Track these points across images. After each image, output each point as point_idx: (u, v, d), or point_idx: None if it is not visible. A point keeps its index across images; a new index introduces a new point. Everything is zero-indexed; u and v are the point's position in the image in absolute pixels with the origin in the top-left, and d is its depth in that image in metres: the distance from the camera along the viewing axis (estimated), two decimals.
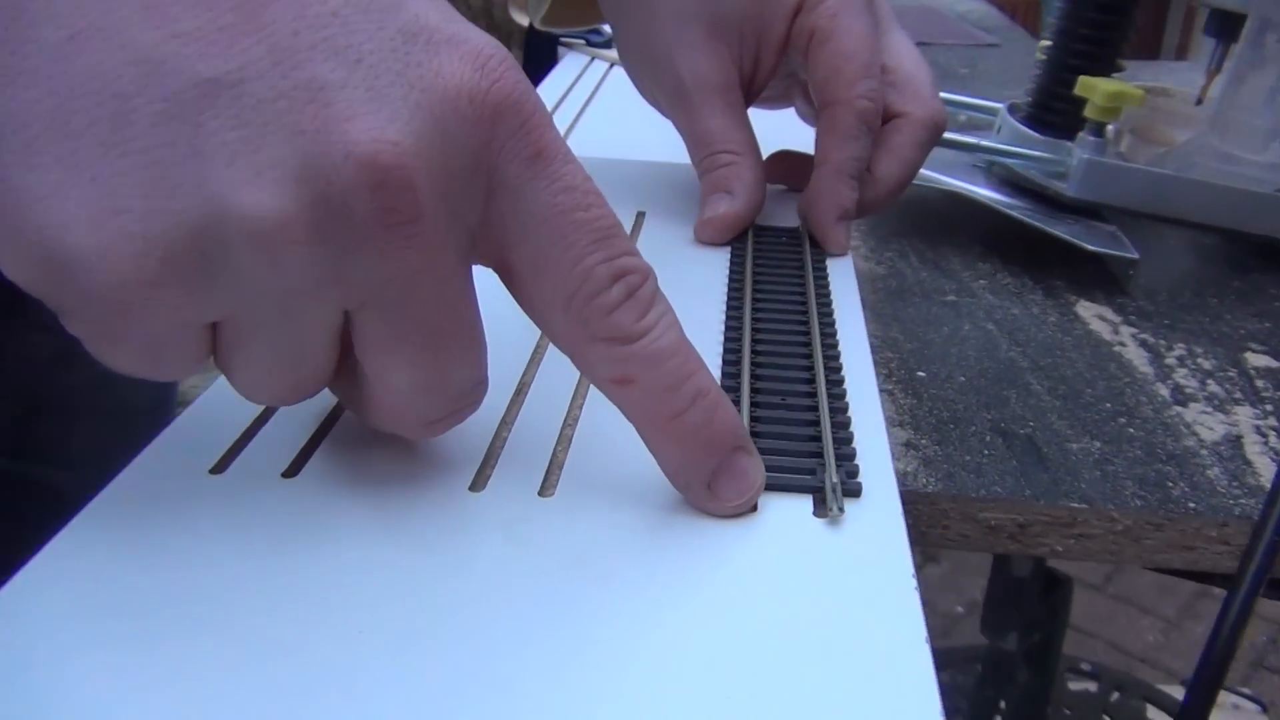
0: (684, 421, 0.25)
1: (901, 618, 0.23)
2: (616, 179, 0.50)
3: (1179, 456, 0.37)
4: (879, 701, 0.20)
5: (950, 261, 0.53)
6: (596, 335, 0.25)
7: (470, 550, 0.24)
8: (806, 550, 0.25)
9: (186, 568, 0.23)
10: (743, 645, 0.22)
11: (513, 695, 0.20)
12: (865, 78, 0.42)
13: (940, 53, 1.04)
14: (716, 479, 0.26)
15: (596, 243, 0.24)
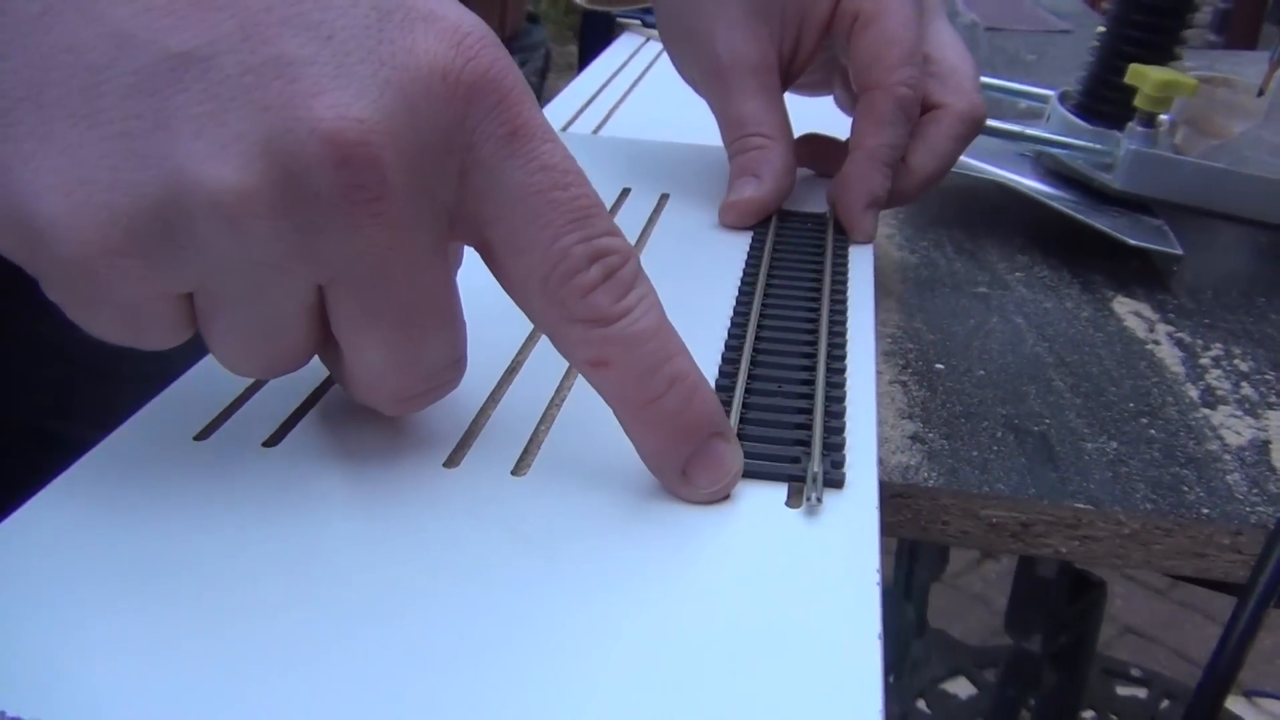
0: (660, 406, 0.25)
1: (857, 613, 0.22)
2: (647, 160, 0.50)
3: (1199, 460, 0.36)
4: (820, 695, 0.20)
5: (988, 253, 0.52)
6: (573, 316, 0.24)
7: (433, 528, 0.24)
8: (774, 539, 0.25)
9: (158, 528, 0.24)
10: (689, 631, 0.22)
11: (453, 673, 0.20)
12: (907, 65, 0.41)
13: (1009, 38, 1.02)
14: (691, 465, 0.26)
15: (574, 222, 0.24)
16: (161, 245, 0.22)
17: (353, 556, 0.23)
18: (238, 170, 0.21)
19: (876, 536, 0.25)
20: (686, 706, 0.20)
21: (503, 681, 0.20)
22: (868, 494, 0.26)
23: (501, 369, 0.31)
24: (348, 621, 0.21)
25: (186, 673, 0.20)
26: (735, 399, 0.29)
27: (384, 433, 0.28)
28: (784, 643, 0.21)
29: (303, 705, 0.19)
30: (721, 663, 0.21)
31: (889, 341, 0.43)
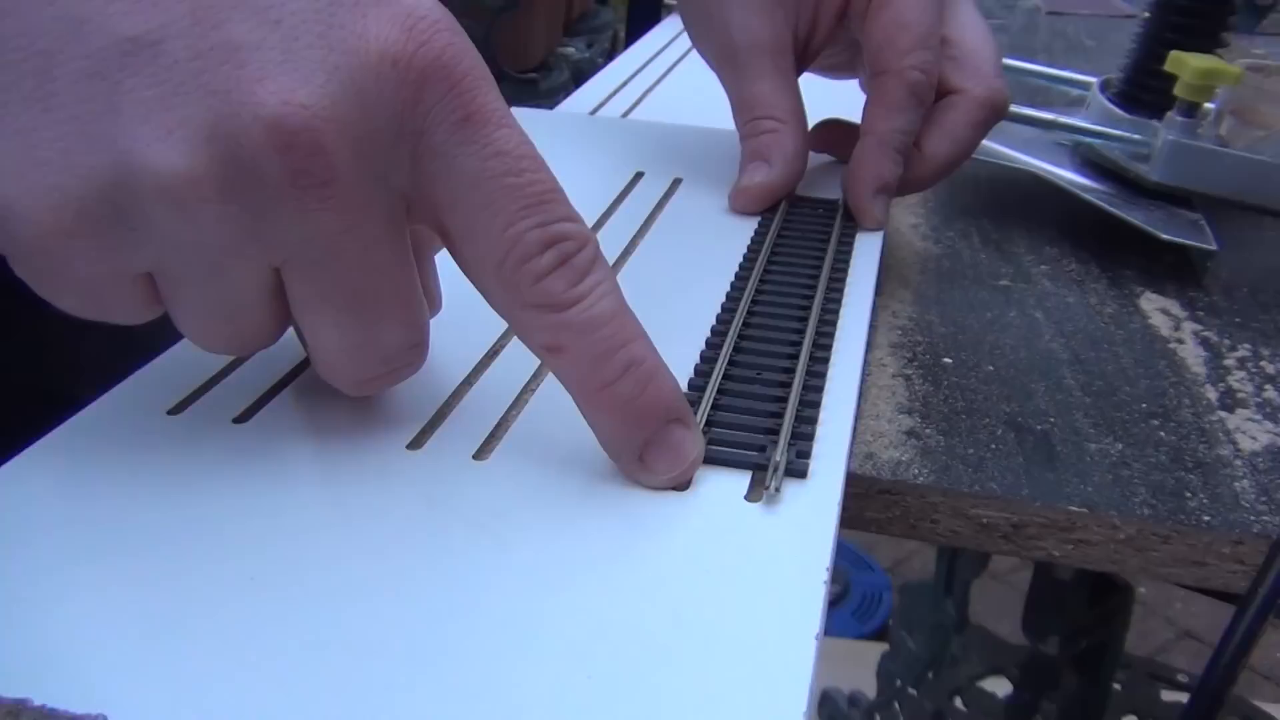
0: (615, 391, 0.25)
1: (798, 610, 0.22)
2: (664, 143, 0.49)
3: (1207, 465, 0.34)
4: (745, 692, 0.20)
5: (1015, 244, 0.51)
6: (527, 302, 0.24)
7: (386, 508, 0.24)
8: (728, 529, 0.24)
9: (124, 498, 0.24)
10: (626, 619, 0.21)
11: (388, 653, 0.20)
12: (920, 49, 0.40)
13: (1071, 23, 0.99)
14: (648, 450, 0.25)
15: (528, 208, 0.24)
16: (113, 227, 0.22)
17: (305, 534, 0.24)
18: (183, 155, 0.21)
19: (832, 533, 0.24)
20: (611, 693, 0.20)
21: (434, 662, 0.20)
22: (831, 488, 0.26)
23: (481, 352, 0.31)
24: (295, 596, 0.22)
25: (144, 639, 0.20)
26: (710, 384, 0.29)
27: (353, 413, 0.28)
28: (719, 635, 0.21)
29: (250, 674, 0.20)
30: (653, 652, 0.21)
31: (898, 333, 0.42)
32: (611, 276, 0.25)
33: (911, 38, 0.40)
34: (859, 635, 1.50)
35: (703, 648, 0.21)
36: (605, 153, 0.48)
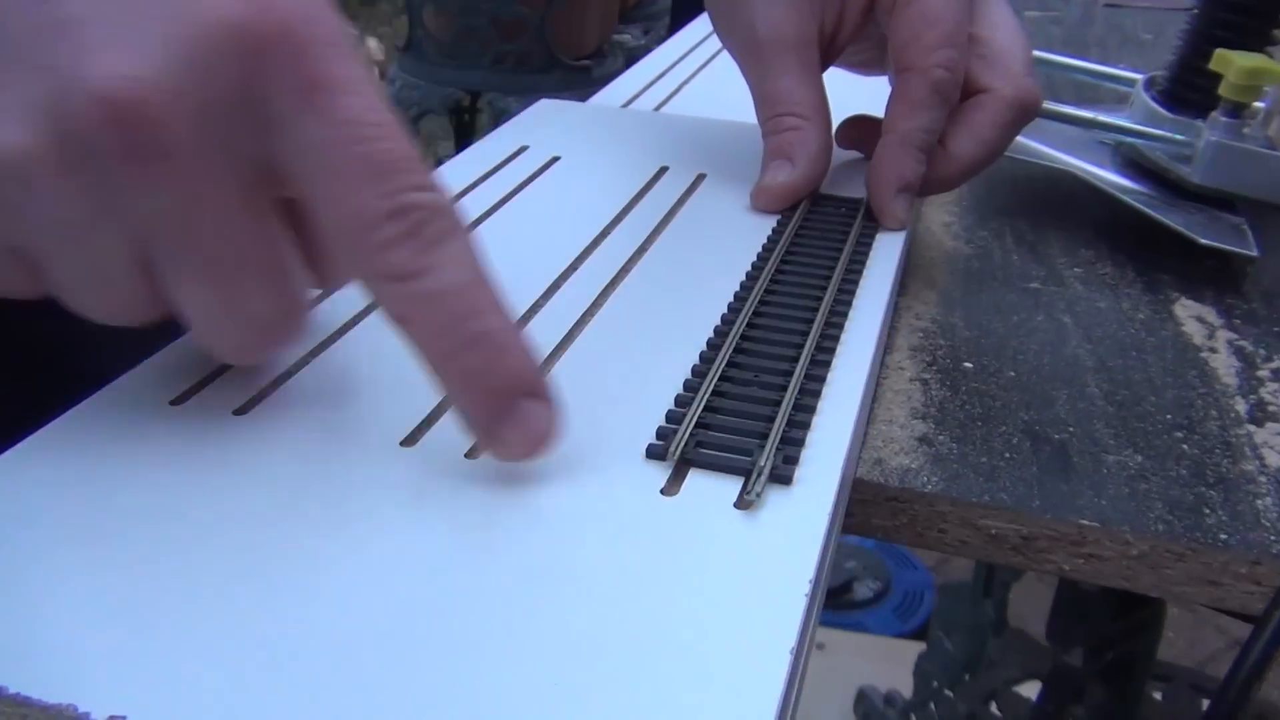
0: (462, 363, 0.25)
1: (775, 623, 0.21)
2: (692, 137, 0.49)
3: (1230, 481, 0.33)
4: (714, 702, 0.20)
5: (1050, 246, 0.50)
6: (373, 271, 0.24)
7: (372, 505, 0.24)
8: (710, 535, 0.24)
9: (121, 484, 0.25)
10: (600, 623, 0.21)
11: (354, 647, 0.20)
12: (946, 46, 0.39)
13: (1129, 15, 0.96)
14: (500, 423, 0.25)
15: (373, 177, 0.23)
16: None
17: (292, 527, 0.24)
18: (20, 132, 0.21)
19: (818, 543, 0.24)
20: (576, 698, 0.19)
21: (406, 659, 0.20)
22: (821, 495, 0.25)
23: None
24: (276, 589, 0.22)
25: (127, 627, 0.21)
26: (705, 386, 0.28)
27: (350, 408, 0.28)
28: (692, 644, 0.21)
29: (226, 664, 0.20)
30: (622, 657, 0.20)
31: (919, 336, 0.41)
32: (468, 246, 0.25)
33: (938, 34, 0.39)
34: (899, 633, 1.49)
35: (674, 656, 0.21)
36: (631, 146, 0.47)
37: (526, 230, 0.39)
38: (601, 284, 0.35)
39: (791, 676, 0.21)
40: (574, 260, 0.37)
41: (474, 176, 0.44)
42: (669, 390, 0.29)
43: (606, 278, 0.36)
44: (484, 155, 0.46)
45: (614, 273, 0.36)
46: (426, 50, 2.17)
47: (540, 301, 0.34)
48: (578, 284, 0.35)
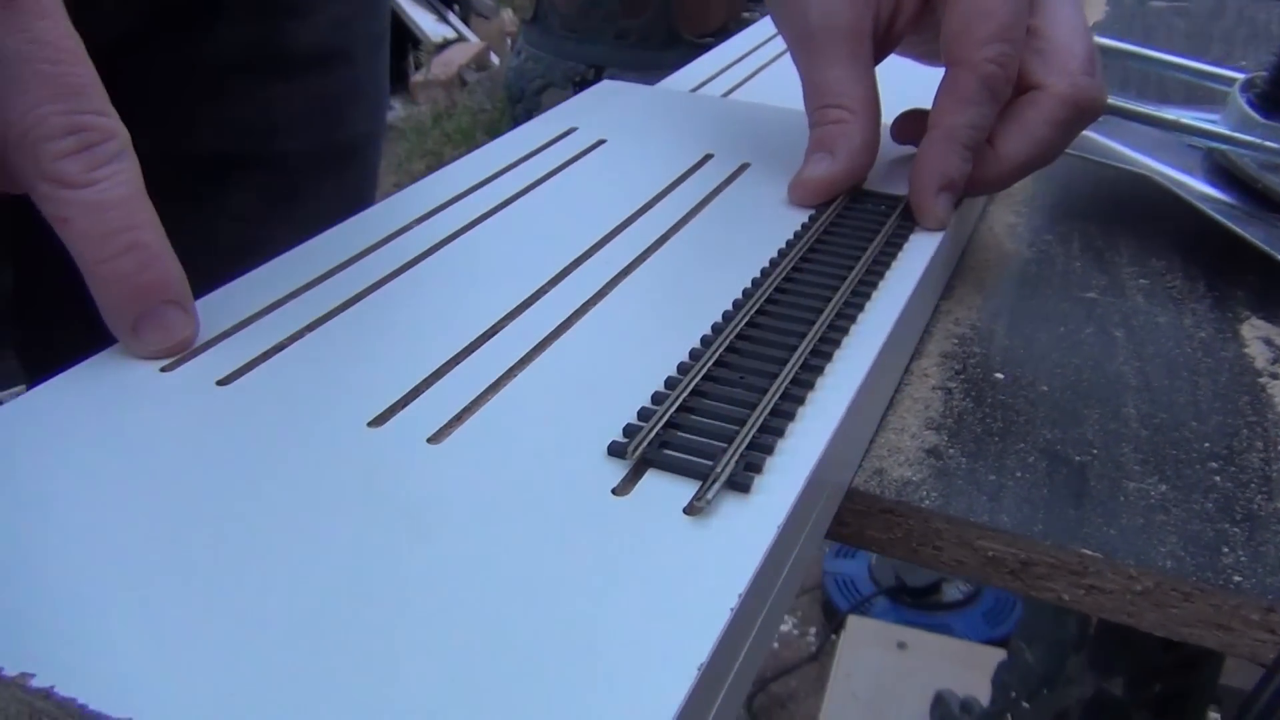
0: (114, 266, 0.28)
1: (689, 637, 0.21)
2: (743, 123, 0.48)
3: (1259, 519, 0.31)
4: (609, 710, 0.19)
5: (1118, 254, 0.47)
6: (42, 175, 0.27)
7: (326, 483, 0.25)
8: (653, 537, 0.23)
9: (100, 448, 0.26)
10: (520, 616, 0.21)
11: (279, 623, 0.21)
12: (998, 40, 0.37)
13: (1265, 9, 0.90)
14: (140, 323, 0.29)
15: (57, 96, 0.27)
16: None
17: (246, 501, 0.24)
18: None
19: (759, 557, 0.23)
20: (475, 688, 0.19)
21: (307, 636, 0.20)
22: (775, 508, 0.24)
23: (471, 337, 0.31)
24: (220, 558, 0.22)
25: (76, 588, 0.22)
26: (684, 385, 0.28)
27: (329, 385, 0.28)
28: (604, 647, 0.20)
29: (163, 633, 0.20)
30: (533, 654, 0.20)
31: (954, 342, 0.39)
32: (133, 172, 0.28)
33: (991, 27, 0.37)
34: (987, 639, 1.44)
35: (581, 658, 0.20)
36: (681, 132, 0.47)
37: (554, 213, 0.39)
38: (614, 271, 0.35)
39: (702, 694, 0.20)
40: (592, 246, 0.36)
41: (516, 156, 0.44)
42: (651, 385, 0.29)
43: (620, 265, 0.35)
44: (533, 135, 0.46)
45: (629, 260, 0.36)
46: (552, 24, 2.19)
47: (548, 285, 0.34)
48: (589, 270, 0.35)
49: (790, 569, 0.26)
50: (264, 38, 0.53)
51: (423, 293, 0.33)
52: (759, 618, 0.24)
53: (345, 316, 0.32)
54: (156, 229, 0.29)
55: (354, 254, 0.35)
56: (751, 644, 0.24)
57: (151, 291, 0.29)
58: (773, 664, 1.53)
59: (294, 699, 0.19)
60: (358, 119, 0.60)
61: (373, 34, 0.60)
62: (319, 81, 0.56)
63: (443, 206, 0.39)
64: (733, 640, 0.22)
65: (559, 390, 0.29)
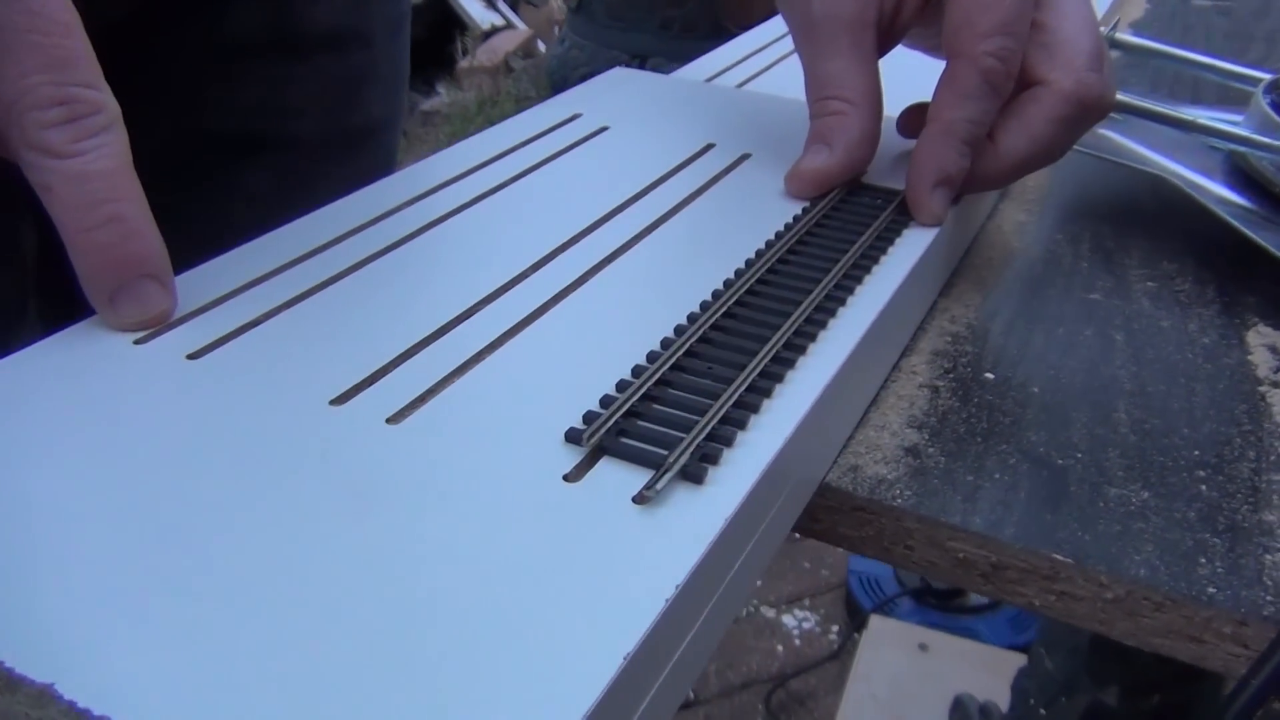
0: (93, 237, 0.29)
1: (621, 624, 0.21)
2: (746, 113, 0.48)
3: (1241, 530, 0.30)
4: (533, 693, 0.19)
5: (1129, 255, 0.46)
6: (29, 144, 0.28)
7: (279, 459, 0.25)
8: (599, 524, 0.23)
9: (65, 416, 0.26)
10: (453, 596, 0.21)
11: (221, 595, 0.21)
12: (1000, 34, 0.36)
13: None
14: (118, 295, 0.29)
15: (47, 66, 0.28)
16: None
17: (202, 470, 0.24)
18: None
19: (704, 548, 0.23)
20: (396, 668, 0.19)
21: (250, 604, 0.21)
22: (725, 502, 0.24)
23: (442, 321, 0.31)
24: (173, 527, 0.23)
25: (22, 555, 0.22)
26: (650, 373, 0.28)
27: (296, 362, 0.29)
28: (531, 634, 0.20)
29: (111, 604, 0.21)
30: (462, 636, 0.20)
31: (947, 340, 0.39)
32: (121, 145, 0.29)
33: (992, 20, 0.36)
34: (1011, 644, 1.43)
35: (513, 638, 0.20)
36: (684, 120, 0.46)
37: (545, 199, 0.39)
38: (597, 258, 0.35)
39: (631, 683, 0.20)
40: (579, 232, 0.36)
41: (516, 140, 0.44)
42: (619, 373, 0.28)
43: (605, 252, 0.35)
44: (536, 120, 0.46)
45: (615, 248, 0.35)
46: (596, 12, 2.18)
47: (529, 270, 0.34)
48: (572, 256, 0.35)
49: (745, 561, 0.26)
50: (279, 18, 0.53)
51: (402, 275, 0.33)
52: (704, 609, 0.24)
53: (322, 296, 0.32)
54: (140, 203, 0.29)
55: (339, 234, 0.35)
56: (697, 635, 0.24)
57: (130, 264, 0.29)
58: (793, 661, 1.52)
59: (221, 664, 0.19)
60: (374, 102, 0.60)
61: (391, 17, 0.60)
62: (334, 63, 0.57)
63: (434, 189, 0.39)
64: (670, 631, 0.22)
65: (526, 375, 0.29)
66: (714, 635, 0.25)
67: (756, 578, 0.28)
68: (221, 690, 0.19)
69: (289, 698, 0.19)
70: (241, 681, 0.19)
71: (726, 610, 0.26)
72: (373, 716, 0.19)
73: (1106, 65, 0.39)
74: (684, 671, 0.23)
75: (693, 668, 0.24)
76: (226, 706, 0.19)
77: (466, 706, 0.19)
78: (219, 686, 0.19)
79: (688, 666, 0.24)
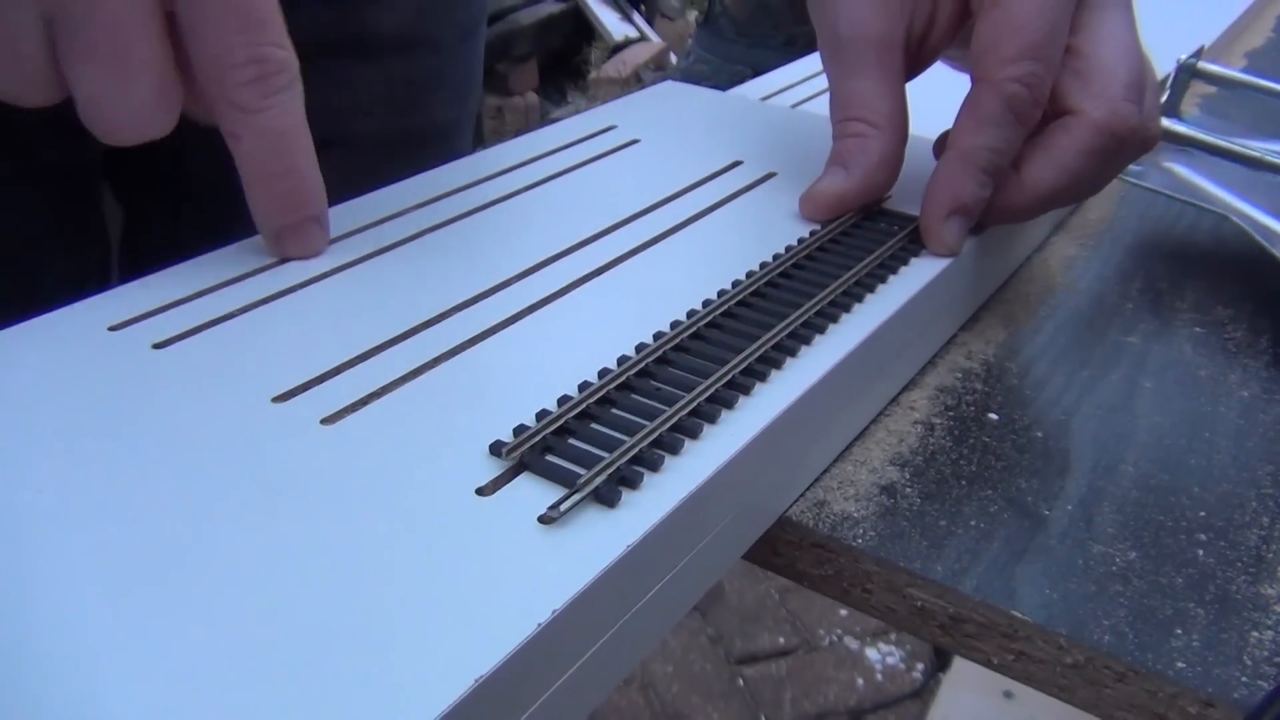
0: (271, 185, 0.33)
1: (481, 645, 0.20)
2: (790, 134, 0.46)
3: (1231, 602, 0.28)
4: (378, 703, 0.19)
5: (1181, 298, 0.43)
6: (225, 98, 0.31)
7: (213, 449, 0.25)
8: (498, 540, 0.23)
9: (35, 395, 0.27)
10: (329, 599, 0.21)
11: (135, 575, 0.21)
12: (1026, 59, 0.35)
13: None
14: (284, 233, 0.34)
15: (243, 29, 0.30)
16: None
17: (141, 454, 0.25)
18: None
19: (592, 575, 0.22)
20: (252, 664, 0.19)
21: (138, 589, 0.21)
22: (635, 526, 0.23)
23: (408, 326, 0.31)
24: (98, 499, 0.23)
25: None
26: (595, 389, 0.27)
27: (249, 358, 0.29)
28: (391, 644, 0.20)
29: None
30: (324, 637, 0.20)
31: (957, 377, 0.37)
32: (299, 100, 0.32)
33: (1018, 44, 0.35)
34: None
35: (372, 647, 0.20)
36: (717, 137, 0.45)
37: (553, 209, 0.39)
38: (583, 271, 0.34)
39: (485, 707, 0.20)
40: (574, 245, 0.36)
41: (541, 150, 0.44)
42: (568, 387, 0.28)
43: (594, 266, 0.35)
44: (568, 130, 0.46)
45: (605, 261, 0.35)
46: (723, 27, 2.18)
47: (511, 280, 0.33)
48: (562, 267, 0.34)
49: (666, 589, 0.25)
50: (347, 20, 0.55)
51: (385, 277, 0.34)
52: (602, 635, 0.23)
53: (300, 294, 0.32)
54: (310, 154, 0.33)
55: (336, 235, 0.36)
56: (593, 661, 0.23)
57: (298, 207, 0.34)
58: (872, 695, 1.48)
59: (107, 636, 0.20)
60: (441, 105, 0.61)
61: (462, 23, 0.61)
62: (401, 66, 0.58)
63: (443, 196, 0.39)
64: (543, 658, 0.21)
65: (474, 385, 0.28)
66: (622, 662, 0.24)
67: (686, 605, 0.27)
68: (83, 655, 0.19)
69: (148, 666, 0.19)
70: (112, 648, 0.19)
71: (639, 637, 0.25)
72: (214, 695, 0.19)
73: (1149, 96, 0.37)
74: (570, 705, 0.23)
75: (588, 694, 0.23)
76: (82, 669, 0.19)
77: (306, 704, 0.19)
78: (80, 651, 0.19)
79: (576, 700, 0.23)
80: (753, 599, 1.63)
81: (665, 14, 3.71)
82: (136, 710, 0.19)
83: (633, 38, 3.51)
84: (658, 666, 1.51)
